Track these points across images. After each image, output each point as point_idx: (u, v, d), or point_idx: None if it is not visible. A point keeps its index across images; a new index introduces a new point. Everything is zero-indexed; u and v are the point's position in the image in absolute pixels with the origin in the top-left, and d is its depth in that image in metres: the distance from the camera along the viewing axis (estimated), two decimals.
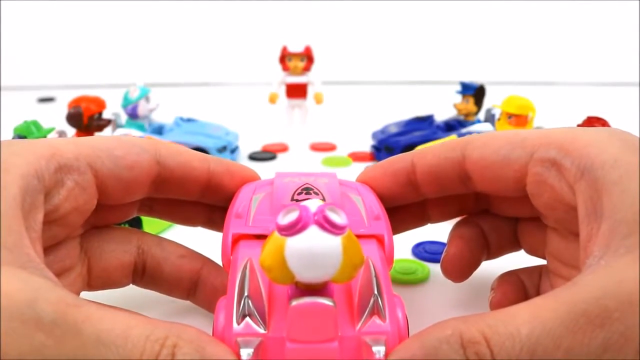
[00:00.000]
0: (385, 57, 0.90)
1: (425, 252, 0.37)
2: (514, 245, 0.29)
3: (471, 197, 0.29)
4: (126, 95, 0.51)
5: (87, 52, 0.90)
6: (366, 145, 0.57)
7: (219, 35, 0.89)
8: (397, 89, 0.86)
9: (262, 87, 0.86)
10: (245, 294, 0.20)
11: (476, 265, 0.29)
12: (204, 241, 0.30)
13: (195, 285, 0.27)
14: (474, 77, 0.55)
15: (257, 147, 0.59)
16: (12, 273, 0.18)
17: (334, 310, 0.19)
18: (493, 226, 0.29)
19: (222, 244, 0.25)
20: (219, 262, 0.26)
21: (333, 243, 0.18)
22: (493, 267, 0.30)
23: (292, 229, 0.18)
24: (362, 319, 0.20)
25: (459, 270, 0.29)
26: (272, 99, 0.55)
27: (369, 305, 0.20)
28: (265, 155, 0.57)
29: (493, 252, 0.30)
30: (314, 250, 0.18)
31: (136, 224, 0.36)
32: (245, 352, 0.19)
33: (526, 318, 0.18)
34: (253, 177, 0.28)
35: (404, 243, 0.36)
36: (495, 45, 0.89)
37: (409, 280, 0.33)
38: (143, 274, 0.27)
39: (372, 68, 0.90)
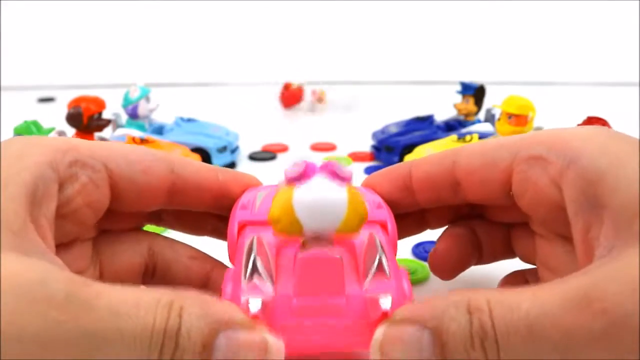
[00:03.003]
0: (385, 57, 0.90)
1: (425, 252, 0.37)
2: (507, 251, 0.29)
3: (466, 204, 0.29)
4: (126, 95, 0.51)
5: (87, 52, 0.90)
6: (366, 145, 0.57)
7: (219, 35, 0.89)
8: (397, 89, 0.86)
9: (262, 87, 0.86)
10: (254, 253, 0.21)
11: (464, 265, 0.29)
12: (210, 243, 0.30)
13: (205, 287, 0.27)
14: (474, 77, 0.55)
15: (257, 147, 0.59)
16: (19, 256, 0.18)
17: (340, 262, 0.20)
18: (487, 230, 0.29)
19: (228, 232, 0.25)
20: (229, 264, 0.26)
21: (339, 191, 0.19)
22: (495, 268, 0.30)
23: (300, 178, 0.19)
24: (368, 279, 0.21)
25: (446, 268, 0.29)
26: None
27: (374, 265, 0.21)
28: (265, 155, 0.57)
29: (486, 257, 0.30)
30: (321, 197, 0.19)
31: None
32: (254, 304, 0.19)
33: (529, 296, 0.18)
34: (258, 184, 0.29)
35: (404, 243, 0.36)
36: (495, 45, 0.89)
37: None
38: (153, 275, 0.27)
39: (372, 68, 0.90)
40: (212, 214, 0.28)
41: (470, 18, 0.89)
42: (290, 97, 0.73)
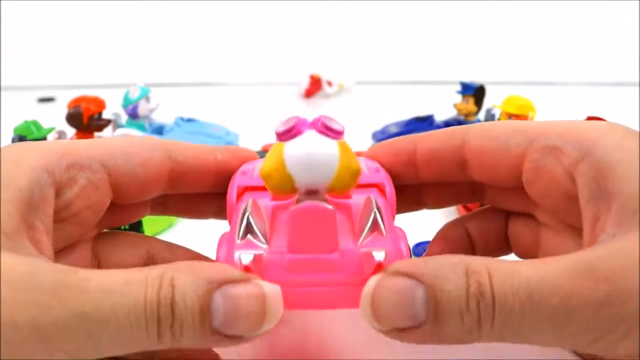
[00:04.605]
0: (385, 57, 0.90)
1: (425, 251, 0.36)
2: (502, 248, 0.29)
3: (467, 185, 0.29)
4: (126, 95, 0.51)
5: (87, 52, 0.90)
6: (366, 145, 0.57)
7: (219, 35, 0.89)
8: (397, 89, 0.86)
9: (262, 87, 0.86)
10: (248, 212, 0.21)
11: None
12: (210, 246, 0.30)
13: None
14: (474, 77, 0.55)
15: (257, 147, 0.59)
16: (10, 254, 0.18)
17: (332, 214, 0.19)
18: (481, 228, 0.29)
19: (227, 197, 0.25)
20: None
21: (330, 145, 0.19)
22: None
23: (290, 132, 0.19)
24: (363, 235, 0.21)
25: None
26: None
27: (369, 222, 0.21)
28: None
29: (479, 254, 0.29)
30: (311, 151, 0.19)
31: (136, 226, 0.36)
32: (246, 258, 0.19)
33: (530, 265, 0.18)
34: (255, 158, 0.29)
35: None
36: (495, 45, 0.89)
37: None
38: None
39: (371, 68, 0.90)
40: (215, 194, 0.28)
41: (470, 18, 0.89)
42: (313, 86, 0.78)
